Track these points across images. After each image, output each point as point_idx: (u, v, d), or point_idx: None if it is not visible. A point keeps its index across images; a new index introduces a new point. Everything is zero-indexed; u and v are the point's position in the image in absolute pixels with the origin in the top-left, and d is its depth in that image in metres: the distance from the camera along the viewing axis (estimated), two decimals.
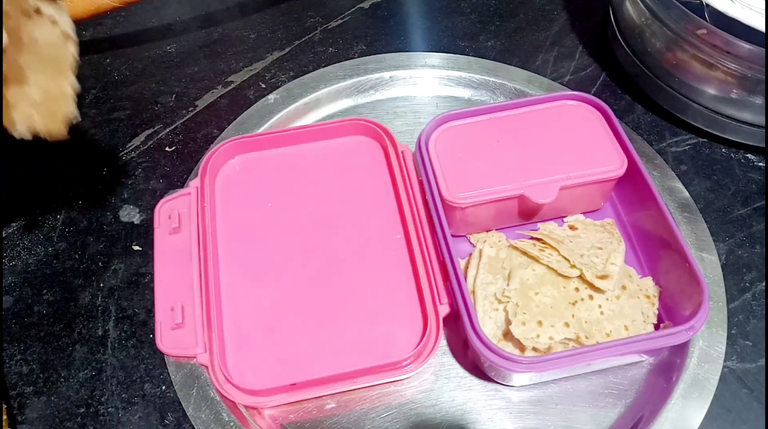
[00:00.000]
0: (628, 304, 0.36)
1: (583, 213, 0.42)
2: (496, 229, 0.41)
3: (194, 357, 0.34)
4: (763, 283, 0.40)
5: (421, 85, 0.50)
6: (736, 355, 0.37)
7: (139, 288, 0.41)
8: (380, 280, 0.38)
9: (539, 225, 0.40)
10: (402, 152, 0.42)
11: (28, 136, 0.28)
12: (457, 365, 0.37)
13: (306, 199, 0.41)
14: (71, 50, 0.29)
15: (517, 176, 0.38)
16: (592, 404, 0.35)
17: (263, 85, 0.52)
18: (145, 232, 0.43)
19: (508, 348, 0.35)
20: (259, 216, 0.41)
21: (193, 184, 0.40)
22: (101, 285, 0.41)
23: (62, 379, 0.37)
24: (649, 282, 0.37)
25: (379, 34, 0.56)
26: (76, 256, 0.42)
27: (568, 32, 0.55)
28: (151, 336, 0.38)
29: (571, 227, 0.40)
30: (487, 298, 0.36)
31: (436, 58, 0.51)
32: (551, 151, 0.39)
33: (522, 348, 0.35)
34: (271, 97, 0.49)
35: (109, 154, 0.47)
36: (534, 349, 0.34)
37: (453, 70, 0.50)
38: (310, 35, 0.56)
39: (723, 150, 0.47)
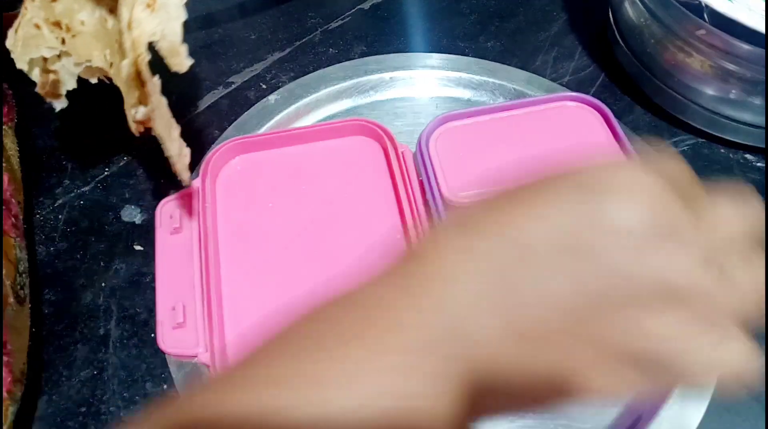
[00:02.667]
0: None
1: None
2: None
3: (195, 356, 0.35)
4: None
5: (421, 85, 0.50)
6: None
7: (140, 288, 0.41)
8: None
9: None
10: (402, 153, 0.42)
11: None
12: None
13: (306, 200, 0.42)
14: None
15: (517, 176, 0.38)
16: (591, 403, 0.35)
17: (264, 86, 0.52)
18: (146, 232, 0.43)
19: None
20: (259, 216, 0.41)
21: (194, 184, 0.40)
22: (103, 285, 0.41)
23: (63, 379, 0.37)
24: None
25: (379, 35, 0.56)
26: (78, 256, 0.42)
27: (567, 33, 0.55)
28: (153, 335, 0.39)
29: None
30: None
31: (436, 58, 0.51)
32: (551, 152, 0.39)
33: None
34: (272, 97, 0.49)
35: (111, 153, 0.48)
36: None
37: (453, 70, 0.50)
38: (311, 36, 0.56)
39: (722, 150, 0.47)
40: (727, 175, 0.45)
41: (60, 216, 0.44)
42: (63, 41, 0.31)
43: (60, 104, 0.35)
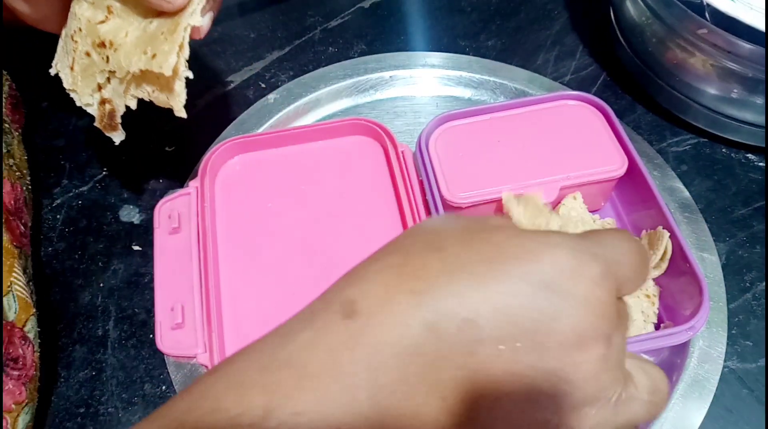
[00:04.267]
0: (628, 304, 0.36)
1: None
2: None
3: (194, 357, 0.34)
4: (764, 283, 0.40)
5: (421, 84, 0.50)
6: (737, 355, 0.37)
7: (138, 288, 0.41)
8: None
9: None
10: (402, 152, 0.42)
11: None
12: None
13: (306, 199, 0.41)
14: None
15: (517, 176, 0.38)
16: None
17: (263, 85, 0.51)
18: (144, 232, 0.43)
19: None
20: (259, 216, 0.41)
21: (193, 184, 0.40)
22: (101, 285, 0.41)
23: (62, 379, 0.37)
24: (649, 282, 0.37)
25: (379, 34, 0.55)
26: (76, 256, 0.42)
27: (568, 32, 0.55)
28: (151, 336, 0.38)
29: None
30: None
31: (436, 57, 0.51)
32: (552, 151, 0.39)
33: None
34: (271, 96, 0.49)
35: (109, 153, 0.47)
36: None
37: (453, 69, 0.50)
38: (310, 35, 0.56)
39: (724, 150, 0.46)
40: (729, 174, 0.45)
41: (58, 216, 0.44)
42: (107, 59, 0.32)
43: (118, 136, 0.35)
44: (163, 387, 0.37)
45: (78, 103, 0.34)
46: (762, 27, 0.38)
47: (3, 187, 0.37)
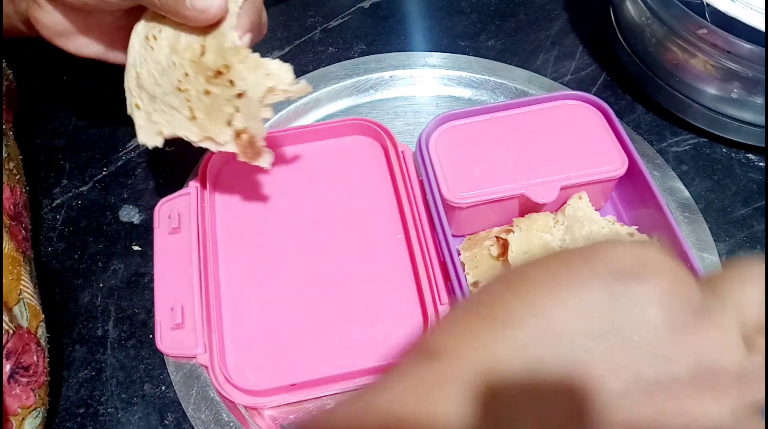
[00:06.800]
0: None
1: None
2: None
3: (194, 357, 0.34)
4: None
5: (421, 84, 0.50)
6: None
7: (138, 288, 0.41)
8: (380, 279, 0.38)
9: None
10: (402, 152, 0.42)
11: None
12: None
13: (306, 199, 0.41)
14: None
15: (517, 176, 0.38)
16: None
17: None
18: (144, 232, 0.43)
19: None
20: (258, 216, 0.41)
21: (193, 184, 0.40)
22: (101, 285, 0.41)
23: (62, 380, 0.37)
24: None
25: (379, 34, 0.55)
26: (76, 256, 0.42)
27: (568, 32, 0.55)
28: (151, 336, 0.38)
29: None
30: None
31: (436, 57, 0.51)
32: (552, 151, 0.39)
33: None
34: None
35: (109, 153, 0.47)
36: None
37: (453, 69, 0.50)
38: (310, 35, 0.56)
39: (724, 150, 0.47)
40: (729, 174, 0.45)
41: (58, 216, 0.44)
42: (231, 83, 0.31)
43: (267, 160, 0.35)
44: (163, 387, 0.37)
45: (215, 149, 0.32)
46: (762, 27, 0.38)
47: (3, 193, 0.37)
